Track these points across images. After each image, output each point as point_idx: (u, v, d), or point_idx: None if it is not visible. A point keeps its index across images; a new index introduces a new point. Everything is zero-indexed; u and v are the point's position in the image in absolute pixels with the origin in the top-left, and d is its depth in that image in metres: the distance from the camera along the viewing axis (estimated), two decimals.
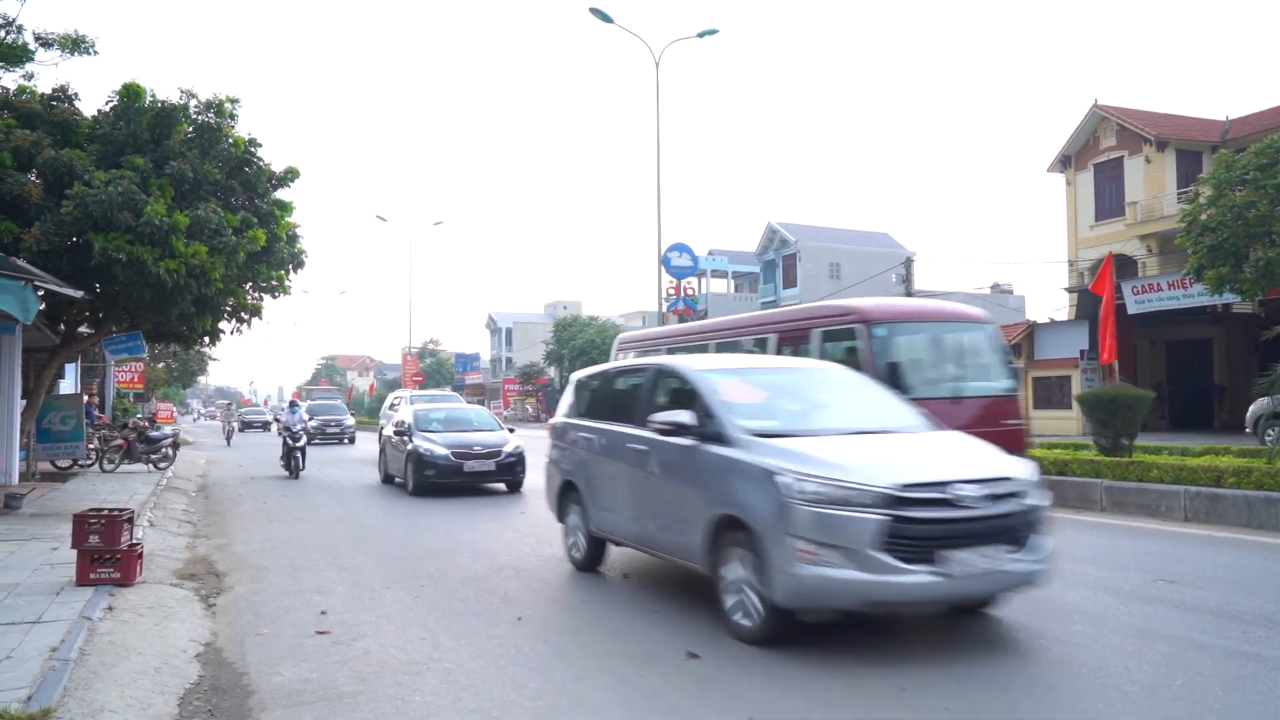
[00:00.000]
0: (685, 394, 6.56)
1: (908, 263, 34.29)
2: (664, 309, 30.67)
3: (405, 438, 14.99)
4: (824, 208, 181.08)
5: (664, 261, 27.62)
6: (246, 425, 46.94)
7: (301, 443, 18.24)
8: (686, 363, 7.19)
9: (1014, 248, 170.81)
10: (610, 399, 7.90)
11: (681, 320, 54.02)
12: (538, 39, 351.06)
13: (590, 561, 7.74)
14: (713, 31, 24.63)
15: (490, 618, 6.35)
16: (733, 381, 6.62)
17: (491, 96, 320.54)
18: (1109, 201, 32.98)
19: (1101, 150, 33.25)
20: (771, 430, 5.85)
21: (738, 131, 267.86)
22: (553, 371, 55.75)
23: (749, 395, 6.47)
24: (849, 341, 10.31)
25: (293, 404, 20.31)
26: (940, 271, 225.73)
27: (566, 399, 8.67)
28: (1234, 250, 13.27)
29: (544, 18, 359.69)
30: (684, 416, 6.22)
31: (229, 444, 33.11)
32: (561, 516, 8.26)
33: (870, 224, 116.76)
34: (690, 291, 46.64)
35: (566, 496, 8.09)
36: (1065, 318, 31.30)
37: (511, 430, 16.34)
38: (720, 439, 5.91)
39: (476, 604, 6.80)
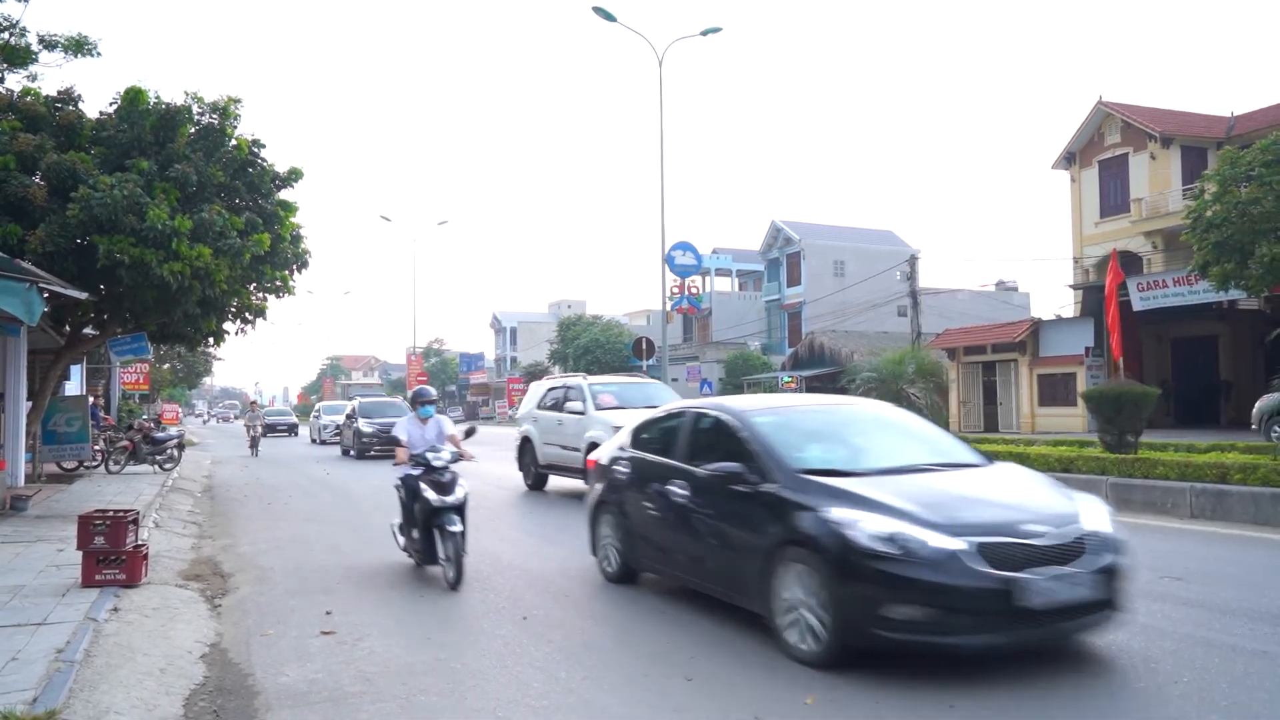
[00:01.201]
0: None
1: (912, 260, 34.21)
2: (668, 308, 30.63)
3: (785, 499, 5.37)
4: (828, 205, 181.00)
5: (668, 260, 27.62)
6: (269, 429, 44.76)
7: (458, 497, 7.56)
8: None
9: (1019, 245, 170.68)
10: None
11: (685, 319, 54.22)
12: (541, 38, 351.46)
13: None
14: (716, 30, 24.60)
15: (495, 617, 6.36)
16: None
17: (495, 96, 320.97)
18: (1114, 198, 32.86)
19: (1106, 147, 33.13)
20: None
21: (741, 129, 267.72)
22: (557, 371, 55.74)
23: None
24: None
25: (420, 400, 8.42)
26: (945, 269, 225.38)
27: None
28: (1239, 247, 13.18)
29: (547, 17, 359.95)
30: None
31: (255, 453, 26.39)
32: None
33: (875, 221, 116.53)
34: (694, 290, 46.71)
35: None
36: (1070, 315, 31.21)
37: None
38: None
39: (481, 604, 6.81)
